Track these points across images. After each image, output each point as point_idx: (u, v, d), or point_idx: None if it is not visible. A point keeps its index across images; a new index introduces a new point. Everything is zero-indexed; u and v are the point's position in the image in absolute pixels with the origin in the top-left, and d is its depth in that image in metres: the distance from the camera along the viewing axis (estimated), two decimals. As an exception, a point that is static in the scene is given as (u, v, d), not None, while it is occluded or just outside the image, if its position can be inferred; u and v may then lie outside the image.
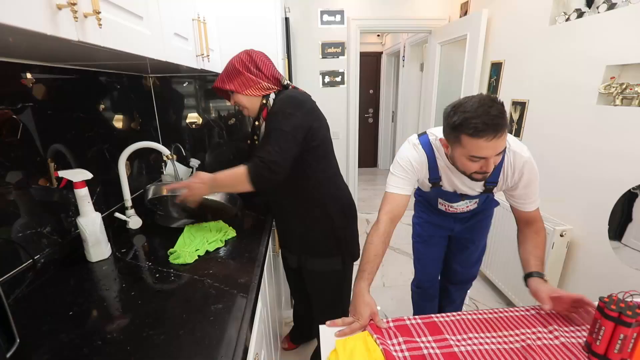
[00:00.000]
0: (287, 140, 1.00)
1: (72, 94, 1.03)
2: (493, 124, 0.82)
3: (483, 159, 0.89)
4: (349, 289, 1.36)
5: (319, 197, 1.17)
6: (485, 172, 0.93)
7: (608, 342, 0.74)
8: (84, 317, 0.71)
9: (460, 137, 0.88)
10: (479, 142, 0.85)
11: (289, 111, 1.03)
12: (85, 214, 0.93)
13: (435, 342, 0.85)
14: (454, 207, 1.24)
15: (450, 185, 1.15)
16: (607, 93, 1.43)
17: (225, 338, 0.64)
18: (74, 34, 0.54)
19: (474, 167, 0.93)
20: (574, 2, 1.67)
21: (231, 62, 1.11)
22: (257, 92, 1.10)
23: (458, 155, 0.94)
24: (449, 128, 0.92)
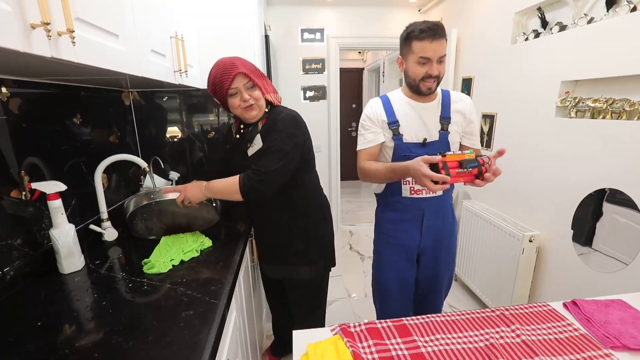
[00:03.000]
0: (287, 159, 1.08)
1: (49, 108, 1.05)
2: (433, 28, 1.08)
3: (429, 61, 1.11)
4: (325, 297, 1.38)
5: (305, 206, 1.22)
6: (431, 76, 1.13)
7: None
8: (53, 328, 0.71)
9: (410, 44, 1.12)
10: (424, 44, 1.09)
11: (292, 131, 1.10)
12: (58, 226, 0.93)
13: (404, 343, 0.88)
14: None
15: (410, 128, 1.21)
16: (563, 106, 1.54)
17: (193, 342, 0.65)
18: (47, 51, 0.58)
19: (422, 71, 1.13)
20: (531, 23, 1.81)
21: (251, 64, 1.13)
22: (274, 98, 1.16)
23: (410, 64, 1.15)
24: (402, 42, 1.18)
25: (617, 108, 1.31)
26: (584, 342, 0.87)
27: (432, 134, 1.21)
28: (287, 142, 1.07)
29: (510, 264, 1.78)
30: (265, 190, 1.06)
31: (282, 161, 1.06)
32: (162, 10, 1.13)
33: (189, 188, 1.10)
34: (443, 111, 1.21)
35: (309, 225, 1.24)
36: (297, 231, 1.22)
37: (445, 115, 1.21)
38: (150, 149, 1.67)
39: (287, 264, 1.26)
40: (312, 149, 1.24)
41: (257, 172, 1.04)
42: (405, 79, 1.22)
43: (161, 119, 1.70)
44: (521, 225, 1.79)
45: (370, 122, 1.23)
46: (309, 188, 1.24)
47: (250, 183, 1.04)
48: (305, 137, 1.17)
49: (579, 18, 1.46)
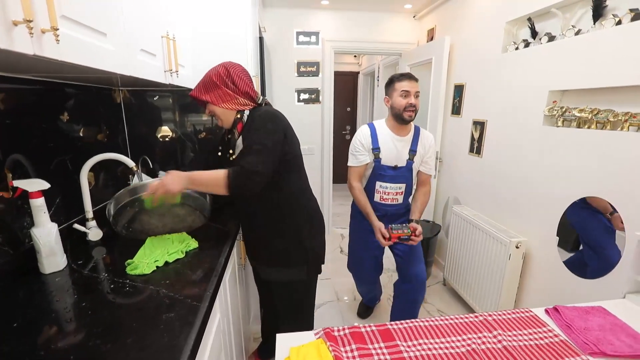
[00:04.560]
0: (269, 154, 1.07)
1: (35, 105, 1.03)
2: (409, 74, 1.60)
3: (409, 94, 1.55)
4: (313, 300, 1.37)
5: (288, 208, 1.21)
6: (412, 106, 1.55)
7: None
8: (30, 329, 0.70)
9: (393, 84, 1.59)
10: (403, 82, 1.56)
11: (270, 127, 1.10)
12: (40, 225, 0.92)
13: (387, 348, 0.89)
14: (388, 189, 1.66)
15: (387, 154, 1.62)
16: (551, 115, 1.57)
17: (172, 345, 0.65)
18: (29, 49, 0.57)
19: (404, 102, 1.54)
20: (522, 33, 1.84)
21: (209, 74, 1.15)
22: (233, 106, 1.15)
23: (394, 98, 1.58)
24: (387, 85, 1.63)
25: (602, 118, 1.34)
26: (563, 348, 0.89)
27: (402, 161, 1.63)
28: (266, 138, 1.07)
29: (497, 269, 1.79)
30: (253, 188, 1.05)
31: (267, 158, 1.06)
32: (153, 10, 1.13)
33: (167, 178, 1.04)
34: (412, 145, 1.64)
35: (292, 228, 1.22)
36: (279, 233, 1.21)
37: (413, 149, 1.64)
38: (140, 148, 1.66)
39: (271, 265, 1.26)
40: (297, 151, 1.22)
41: (246, 170, 1.03)
42: (391, 112, 1.63)
43: (152, 118, 1.69)
44: (509, 231, 1.82)
45: (362, 147, 1.64)
46: (293, 190, 1.22)
47: (239, 179, 1.03)
48: (285, 133, 1.14)
49: (567, 29, 1.49)
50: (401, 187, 1.66)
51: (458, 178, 2.44)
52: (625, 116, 1.25)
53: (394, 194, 1.67)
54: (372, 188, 1.68)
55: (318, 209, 1.35)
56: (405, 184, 1.66)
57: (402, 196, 1.69)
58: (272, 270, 1.26)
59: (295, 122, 1.28)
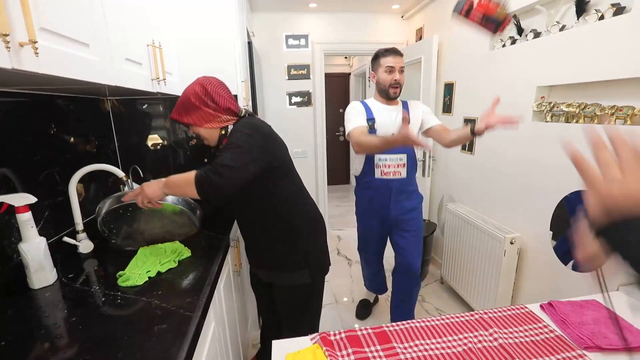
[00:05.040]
0: (242, 153, 1.01)
1: (20, 117, 1.02)
2: (393, 49, 1.61)
3: (393, 70, 1.58)
4: (318, 304, 1.35)
5: (284, 212, 1.20)
6: (397, 83, 1.59)
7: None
8: (18, 346, 0.69)
9: (379, 60, 1.62)
10: (388, 58, 1.58)
11: (246, 131, 1.07)
12: (28, 239, 0.91)
13: (383, 350, 0.88)
14: (388, 161, 1.63)
15: (382, 123, 1.62)
16: (539, 111, 1.58)
17: (165, 357, 0.64)
18: (7, 63, 0.56)
19: (389, 78, 1.59)
20: (508, 30, 1.86)
21: (186, 96, 1.12)
22: (216, 124, 1.13)
23: (379, 73, 1.62)
24: (373, 60, 1.66)
25: (589, 112, 1.35)
26: (559, 344, 0.89)
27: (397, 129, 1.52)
28: (241, 139, 1.04)
29: (492, 266, 1.80)
30: (223, 185, 0.97)
31: (242, 157, 1.01)
32: (138, 18, 1.12)
33: (146, 186, 1.04)
34: (404, 112, 1.66)
35: (291, 232, 1.22)
36: (278, 237, 1.20)
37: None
38: (131, 158, 1.64)
39: (272, 269, 1.25)
40: (286, 156, 1.21)
41: (214, 166, 0.99)
42: (376, 87, 1.67)
43: (142, 126, 1.68)
44: (503, 227, 1.82)
45: (356, 111, 1.64)
46: (288, 194, 1.21)
47: (206, 176, 0.97)
48: (267, 140, 1.12)
49: (552, 25, 1.51)
50: (402, 158, 1.62)
51: (451, 176, 2.45)
52: (612, 110, 1.26)
53: (394, 167, 1.63)
54: (372, 164, 1.66)
55: (317, 211, 1.34)
56: (406, 154, 1.62)
57: (405, 169, 1.64)
58: (275, 274, 1.25)
59: (288, 126, 1.29)
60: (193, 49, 1.59)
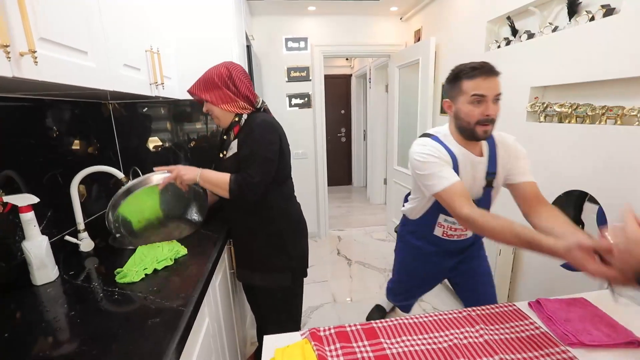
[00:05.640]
0: (270, 166, 1.13)
1: (23, 121, 1.07)
2: (485, 66, 1.00)
3: (484, 100, 1.01)
4: (297, 306, 1.37)
5: (274, 214, 1.23)
6: (487, 119, 1.01)
7: None
8: (20, 339, 0.73)
9: (460, 84, 1.03)
10: (477, 82, 1.00)
11: (269, 138, 1.14)
12: (30, 238, 0.95)
13: (370, 346, 0.91)
14: (457, 224, 1.18)
15: (463, 180, 1.09)
16: (533, 111, 1.60)
17: (156, 349, 0.67)
18: (8, 72, 0.60)
19: (476, 112, 1.02)
20: (503, 31, 1.87)
21: (210, 73, 1.16)
22: (232, 108, 1.17)
23: (461, 104, 1.04)
24: (450, 83, 1.07)
25: (581, 113, 1.36)
26: (543, 340, 0.90)
27: (478, 190, 1.13)
28: (268, 149, 1.13)
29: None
30: (253, 197, 1.13)
31: (268, 169, 1.12)
32: (135, 25, 1.16)
33: (183, 168, 1.14)
34: (490, 165, 1.11)
35: (276, 235, 1.24)
36: (263, 238, 1.24)
37: (492, 171, 1.12)
38: (132, 160, 1.69)
39: (254, 270, 1.28)
40: (288, 159, 1.25)
41: (248, 180, 1.10)
42: (455, 123, 1.11)
43: (143, 129, 1.72)
44: (498, 227, 1.83)
45: (437, 158, 1.06)
46: (279, 198, 1.24)
47: (240, 188, 1.11)
48: (282, 145, 1.19)
49: (545, 27, 1.52)
50: None
51: (450, 176, 2.46)
52: (602, 110, 1.28)
53: (462, 230, 1.24)
54: (433, 220, 1.25)
55: (301, 214, 1.37)
56: None
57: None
58: (255, 275, 1.29)
59: (288, 127, 1.31)
60: (191, 52, 1.63)
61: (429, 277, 1.40)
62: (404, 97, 3.07)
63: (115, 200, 1.15)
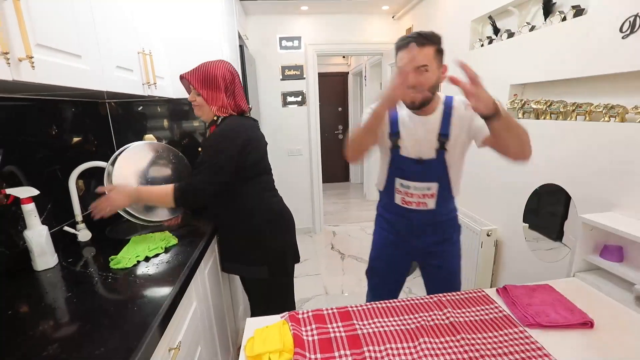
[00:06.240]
0: (217, 173, 1.15)
1: (25, 120, 1.15)
2: (412, 36, 1.05)
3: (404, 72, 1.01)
4: (278, 301, 1.38)
5: (246, 209, 1.27)
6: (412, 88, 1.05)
7: None
8: (21, 316, 0.81)
9: (397, 55, 1.09)
10: (401, 54, 1.05)
11: (221, 146, 1.15)
12: (31, 227, 1.03)
13: (344, 327, 0.98)
14: (412, 189, 1.20)
15: (408, 142, 1.16)
16: (512, 108, 1.65)
17: (141, 323, 0.75)
18: (8, 75, 0.68)
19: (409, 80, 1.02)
20: (487, 30, 1.93)
21: (214, 72, 1.15)
22: (220, 112, 1.19)
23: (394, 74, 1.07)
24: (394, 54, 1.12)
25: (555, 109, 1.42)
26: (504, 322, 0.97)
27: (429, 151, 1.14)
28: (217, 156, 1.14)
29: (471, 257, 1.88)
30: (198, 203, 1.18)
31: (211, 174, 1.14)
32: (127, 28, 1.23)
33: (114, 194, 1.13)
34: (442, 127, 1.12)
35: (251, 229, 1.28)
36: (239, 233, 1.29)
37: (444, 132, 1.12)
38: (129, 156, 1.76)
39: (234, 262, 1.34)
40: (258, 159, 1.25)
41: (193, 187, 1.14)
42: None
43: (139, 127, 1.80)
44: (481, 220, 1.90)
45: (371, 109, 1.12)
46: (250, 194, 1.26)
47: (184, 195, 1.14)
48: (242, 149, 1.17)
49: (523, 26, 1.58)
50: (431, 188, 1.18)
51: (439, 172, 2.52)
52: (573, 107, 1.34)
53: (419, 196, 1.20)
54: (392, 186, 1.25)
55: (282, 209, 1.36)
56: (437, 184, 1.18)
57: (434, 200, 1.20)
58: (233, 266, 1.35)
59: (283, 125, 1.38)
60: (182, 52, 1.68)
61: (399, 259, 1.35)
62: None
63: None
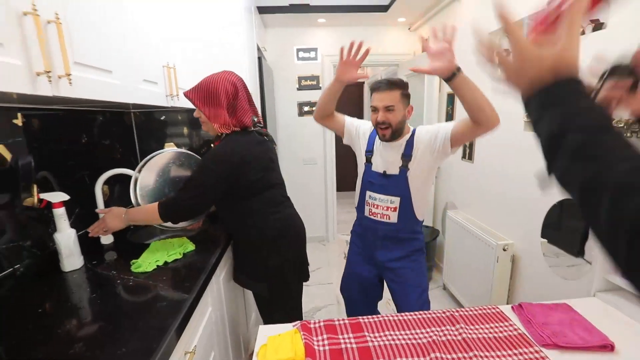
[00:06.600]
0: (199, 191, 1.15)
1: (58, 130, 1.23)
2: (382, 82, 1.29)
3: (376, 110, 1.29)
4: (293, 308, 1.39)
5: (247, 226, 1.28)
6: (381, 124, 1.29)
7: None
8: (50, 313, 0.86)
9: (371, 95, 1.33)
10: (373, 96, 1.31)
11: (211, 166, 1.15)
12: (61, 230, 1.09)
13: (355, 338, 0.99)
14: (377, 201, 1.38)
15: (378, 160, 1.39)
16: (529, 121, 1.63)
17: (161, 326, 0.78)
18: (49, 91, 0.74)
19: (373, 119, 1.32)
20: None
21: (215, 88, 1.13)
22: (223, 129, 1.18)
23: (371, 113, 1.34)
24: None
25: (574, 124, 1.40)
26: (519, 340, 0.95)
27: (393, 168, 1.35)
28: (204, 175, 1.15)
29: (486, 272, 1.84)
30: (181, 217, 1.19)
31: (198, 193, 1.15)
32: (154, 44, 1.30)
33: (108, 217, 1.21)
34: (406, 149, 1.33)
35: (251, 245, 1.30)
36: (243, 247, 1.33)
37: (407, 153, 1.32)
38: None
39: (242, 274, 1.38)
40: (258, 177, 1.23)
41: (176, 203, 1.16)
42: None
43: (161, 135, 1.88)
44: (498, 234, 1.87)
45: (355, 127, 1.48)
46: (251, 211, 1.26)
47: (169, 211, 1.16)
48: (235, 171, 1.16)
49: (541, 40, 1.57)
50: (394, 202, 1.34)
51: (453, 184, 2.50)
52: (593, 122, 1.31)
53: (383, 209, 1.37)
54: (363, 199, 1.43)
55: (285, 225, 1.32)
56: (399, 197, 1.33)
57: (396, 214, 1.35)
58: (241, 278, 1.39)
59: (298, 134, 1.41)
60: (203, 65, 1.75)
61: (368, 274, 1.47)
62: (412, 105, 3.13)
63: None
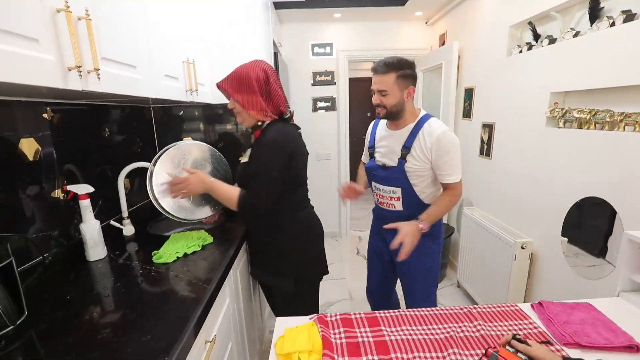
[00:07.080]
0: (274, 184, 1.16)
1: (82, 124, 1.26)
2: (379, 65, 1.28)
3: (374, 92, 1.31)
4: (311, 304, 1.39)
5: (277, 223, 1.27)
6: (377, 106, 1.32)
7: None
8: (77, 301, 0.89)
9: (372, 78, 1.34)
10: (372, 77, 1.32)
11: (272, 156, 1.14)
12: (86, 221, 1.13)
13: (372, 332, 0.99)
14: (382, 191, 1.43)
15: (380, 152, 1.43)
16: (552, 117, 1.59)
17: (183, 315, 0.81)
18: (79, 86, 0.76)
19: (373, 100, 1.34)
20: (526, 36, 1.87)
21: (247, 75, 1.12)
22: (259, 116, 1.17)
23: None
24: None
25: (600, 119, 1.35)
26: (539, 339, 0.94)
27: (392, 160, 1.37)
28: (272, 168, 1.14)
29: (504, 270, 1.81)
30: (258, 210, 1.18)
31: (269, 187, 1.15)
32: (175, 40, 1.32)
33: (193, 179, 1.18)
34: (407, 140, 1.32)
35: (283, 240, 1.28)
36: (271, 242, 1.29)
37: (407, 145, 1.32)
38: (169, 157, 1.88)
39: (263, 270, 1.36)
40: (300, 170, 1.24)
41: (252, 197, 1.15)
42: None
43: (179, 129, 1.91)
44: (515, 232, 1.83)
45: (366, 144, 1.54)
46: (289, 205, 1.26)
47: (245, 202, 1.16)
48: (290, 160, 1.17)
49: (566, 32, 1.52)
50: (395, 192, 1.38)
51: (470, 181, 2.45)
52: (621, 116, 1.26)
53: (388, 198, 1.42)
54: (372, 189, 1.52)
55: (311, 221, 1.34)
56: (400, 189, 1.36)
57: (400, 203, 1.39)
58: (263, 275, 1.37)
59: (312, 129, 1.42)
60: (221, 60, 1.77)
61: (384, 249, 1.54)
62: (428, 100, 3.09)
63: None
